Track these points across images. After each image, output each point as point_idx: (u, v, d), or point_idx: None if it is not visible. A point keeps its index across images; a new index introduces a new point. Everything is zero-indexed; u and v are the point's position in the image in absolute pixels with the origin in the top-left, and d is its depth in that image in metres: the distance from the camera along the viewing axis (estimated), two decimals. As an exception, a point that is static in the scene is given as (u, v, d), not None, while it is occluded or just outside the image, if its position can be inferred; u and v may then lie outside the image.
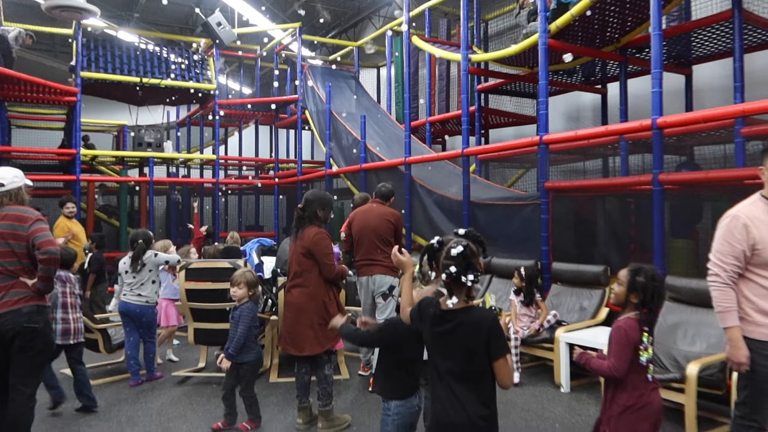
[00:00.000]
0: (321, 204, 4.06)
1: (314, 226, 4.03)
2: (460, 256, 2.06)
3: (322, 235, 4.00)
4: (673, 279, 4.65)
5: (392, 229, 5.34)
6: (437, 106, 10.72)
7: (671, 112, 5.46)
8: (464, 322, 2.12)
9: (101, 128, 15.74)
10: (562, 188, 6.19)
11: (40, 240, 3.37)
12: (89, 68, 10.64)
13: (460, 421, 2.13)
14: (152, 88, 11.46)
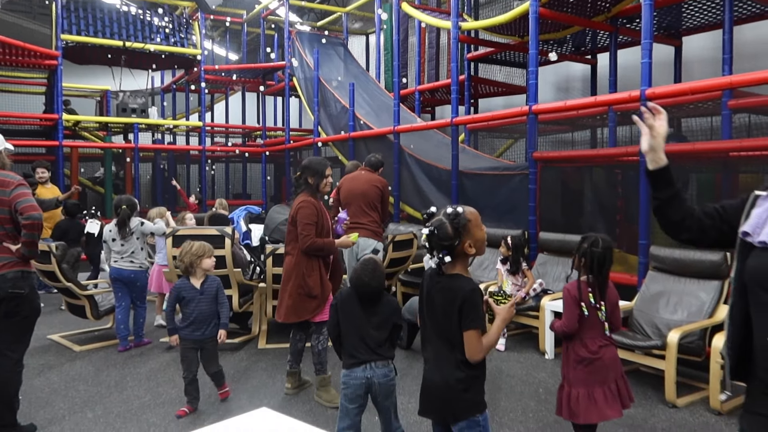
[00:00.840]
0: (312, 171, 3.96)
1: (304, 193, 3.97)
2: (428, 238, 2.17)
3: (304, 204, 3.88)
4: (656, 249, 4.72)
5: (379, 195, 5.52)
6: (426, 74, 10.62)
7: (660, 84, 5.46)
8: (446, 287, 2.20)
9: (83, 93, 15.43)
10: (551, 159, 6.21)
11: (23, 205, 3.31)
12: (70, 31, 10.37)
13: (436, 382, 2.23)
14: (136, 53, 11.22)
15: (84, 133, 13.57)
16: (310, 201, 3.90)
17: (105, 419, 3.71)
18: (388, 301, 3.04)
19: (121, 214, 5.23)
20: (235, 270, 5.14)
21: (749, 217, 1.58)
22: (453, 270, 2.21)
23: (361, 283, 2.94)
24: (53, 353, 5.18)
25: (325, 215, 3.96)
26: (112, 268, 5.27)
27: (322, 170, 3.96)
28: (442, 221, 2.17)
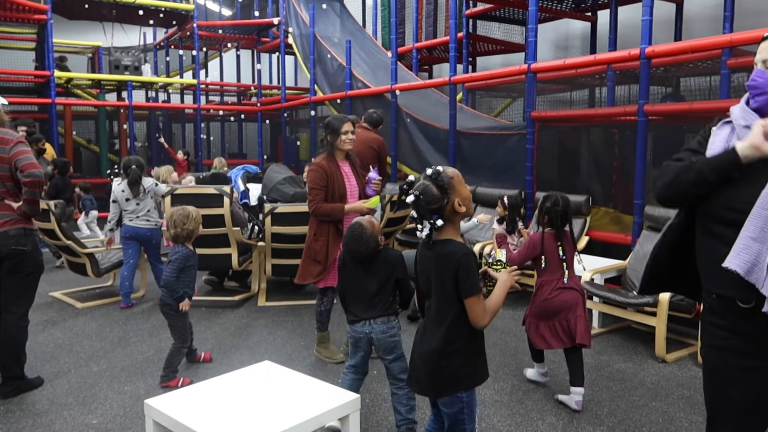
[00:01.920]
0: (329, 129, 3.82)
1: (323, 154, 3.84)
2: (414, 206, 2.06)
3: (312, 167, 3.81)
4: (651, 209, 4.77)
5: (375, 155, 5.40)
6: (424, 32, 10.46)
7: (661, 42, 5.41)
8: (439, 254, 2.11)
9: (74, 49, 15.13)
10: (548, 118, 6.19)
11: (23, 162, 3.31)
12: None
13: (420, 352, 2.18)
14: (127, 7, 10.98)
15: (77, 90, 13.39)
16: (319, 164, 3.77)
17: (110, 373, 3.80)
18: (385, 258, 2.95)
19: (131, 173, 5.26)
20: (234, 229, 5.17)
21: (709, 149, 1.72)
22: (444, 235, 2.11)
23: (350, 249, 2.93)
24: (56, 310, 5.26)
25: (337, 178, 3.74)
26: (126, 227, 5.34)
27: (337, 126, 3.76)
28: (425, 184, 2.08)
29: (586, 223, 5.52)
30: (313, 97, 10.19)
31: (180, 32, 12.82)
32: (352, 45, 9.09)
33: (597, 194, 5.96)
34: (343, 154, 3.87)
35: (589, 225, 5.54)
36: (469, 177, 6.87)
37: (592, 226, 5.56)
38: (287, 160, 11.70)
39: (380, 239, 2.95)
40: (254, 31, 12.73)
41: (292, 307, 5.26)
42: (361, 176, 3.92)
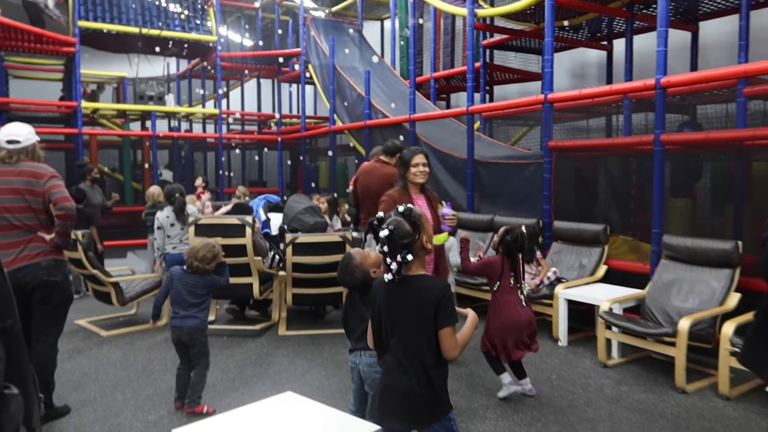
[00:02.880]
0: (401, 162, 3.82)
1: (398, 186, 3.83)
2: (387, 241, 2.12)
3: (384, 197, 3.76)
4: (669, 238, 4.78)
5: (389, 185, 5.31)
6: (442, 61, 10.62)
7: (676, 69, 5.46)
8: (416, 288, 2.16)
9: (100, 80, 15.59)
10: (565, 147, 6.24)
11: (57, 196, 3.46)
12: (87, 17, 10.49)
13: (402, 388, 2.17)
14: (152, 39, 11.32)
15: (102, 120, 13.76)
16: (390, 195, 3.73)
17: (134, 401, 3.88)
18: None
19: (177, 202, 5.68)
20: (255, 258, 5.27)
21: None
22: (414, 270, 2.17)
23: (338, 278, 2.95)
24: (81, 338, 5.37)
25: None
26: (170, 255, 5.65)
27: (408, 158, 3.75)
28: (397, 220, 2.15)
29: (604, 252, 5.52)
30: (333, 126, 10.36)
31: (203, 63, 13.15)
32: (371, 75, 9.27)
33: (615, 222, 5.97)
34: (418, 188, 3.82)
35: (607, 254, 5.54)
36: (487, 206, 6.97)
37: (610, 254, 5.56)
38: (307, 189, 11.85)
39: (374, 271, 2.85)
40: (275, 62, 13.02)
41: (312, 337, 5.32)
42: (437, 211, 3.82)
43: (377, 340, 2.31)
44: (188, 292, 3.70)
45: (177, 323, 3.70)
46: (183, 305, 3.70)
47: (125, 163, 13.23)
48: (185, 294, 3.70)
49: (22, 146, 3.50)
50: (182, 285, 3.71)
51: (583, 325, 5.35)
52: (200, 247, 3.74)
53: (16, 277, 3.35)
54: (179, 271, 3.77)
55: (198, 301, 3.72)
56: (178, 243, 5.80)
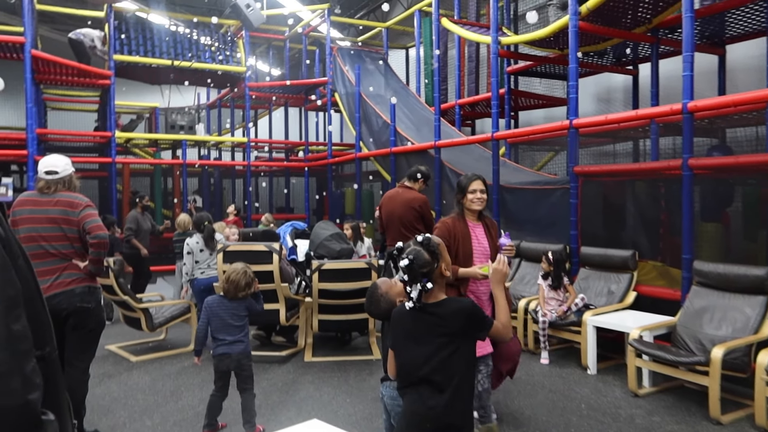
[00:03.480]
0: (457, 188, 3.71)
1: (453, 213, 3.78)
2: (407, 270, 2.19)
3: (438, 225, 3.71)
4: (700, 264, 4.69)
5: (418, 216, 5.24)
6: (467, 88, 10.71)
7: (704, 93, 5.42)
8: (443, 314, 2.18)
9: (133, 110, 16.08)
10: (592, 173, 6.21)
11: (91, 225, 3.57)
12: (121, 51, 10.87)
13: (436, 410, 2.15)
14: (183, 70, 11.67)
15: (135, 149, 14.15)
16: (444, 222, 3.61)
17: (163, 427, 3.92)
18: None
19: (206, 230, 5.93)
20: (282, 285, 5.32)
21: None
22: (435, 297, 2.21)
23: (366, 309, 2.90)
24: (111, 363, 5.46)
25: (464, 238, 3.52)
26: (199, 280, 5.87)
27: (465, 185, 3.59)
28: (416, 249, 2.21)
29: (633, 278, 5.43)
30: (359, 153, 10.47)
31: (232, 93, 13.47)
32: (396, 102, 9.38)
33: (644, 248, 5.89)
34: (475, 215, 3.65)
35: (636, 280, 5.45)
36: (514, 231, 6.93)
37: (639, 280, 5.47)
38: (333, 215, 11.96)
39: (400, 301, 2.72)
40: (302, 91, 13.27)
41: (338, 363, 5.32)
42: (495, 240, 3.61)
43: (399, 369, 2.31)
44: (232, 317, 3.74)
45: (224, 350, 3.70)
46: (229, 331, 3.72)
47: (156, 190, 13.54)
48: (229, 319, 3.74)
49: (59, 177, 3.63)
50: (224, 311, 3.75)
51: (613, 352, 5.26)
52: (237, 273, 3.79)
53: (51, 303, 3.44)
54: (216, 299, 3.81)
55: (241, 324, 3.78)
56: (207, 268, 5.97)
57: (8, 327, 1.20)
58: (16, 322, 1.22)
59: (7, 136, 11.06)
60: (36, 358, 1.31)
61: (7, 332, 1.20)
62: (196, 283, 5.93)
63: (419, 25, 11.47)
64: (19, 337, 1.23)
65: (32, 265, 1.41)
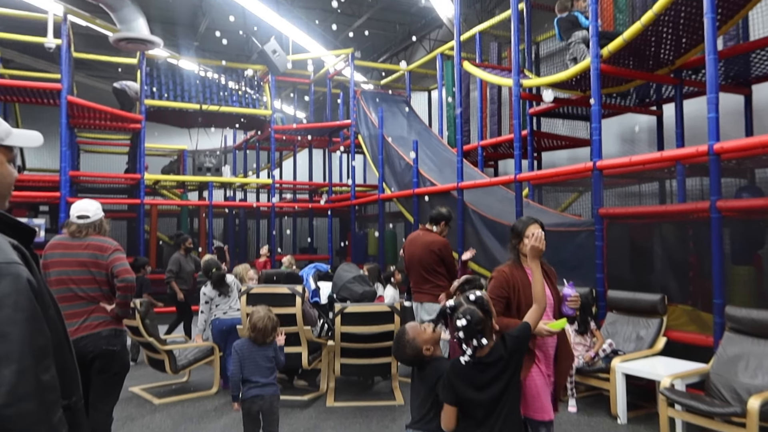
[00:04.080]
0: (513, 233, 3.42)
1: (509, 260, 3.45)
2: (464, 329, 2.41)
3: (494, 274, 3.35)
4: (733, 309, 4.56)
5: (438, 259, 5.23)
6: (489, 129, 10.77)
7: (730, 133, 5.35)
8: (497, 360, 2.49)
9: (162, 153, 16.49)
10: (617, 215, 6.14)
11: (119, 268, 3.64)
12: (152, 96, 11.22)
13: None
14: (211, 114, 11.98)
15: (162, 191, 14.45)
16: (501, 270, 3.26)
17: (184, 474, 3.87)
18: (432, 369, 2.84)
19: (214, 276, 5.93)
20: (304, 328, 5.31)
21: None
22: (486, 351, 2.47)
23: (393, 353, 2.99)
24: (135, 405, 5.46)
25: (524, 287, 3.16)
26: (221, 320, 5.89)
27: (521, 229, 3.31)
28: (471, 309, 2.40)
29: (663, 323, 5.30)
30: (381, 194, 10.53)
31: (258, 135, 13.76)
32: (418, 144, 9.47)
33: (673, 291, 5.76)
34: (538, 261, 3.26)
35: (666, 324, 5.31)
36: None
37: (669, 325, 5.33)
38: (356, 255, 11.97)
39: (428, 348, 2.83)
40: (326, 133, 13.48)
41: (361, 409, 5.24)
42: (555, 288, 3.33)
43: (461, 422, 2.52)
44: (263, 359, 3.80)
45: (257, 392, 3.73)
46: (261, 373, 3.77)
47: (183, 231, 13.74)
48: (261, 361, 3.79)
49: (90, 221, 3.72)
50: (256, 354, 3.80)
51: (644, 401, 5.08)
52: (262, 320, 3.84)
53: (78, 346, 3.47)
54: (246, 342, 3.86)
55: (272, 365, 3.83)
56: (228, 309, 5.98)
57: (38, 377, 1.22)
58: (45, 373, 1.25)
59: (41, 178, 11.39)
60: (62, 408, 1.33)
61: (37, 383, 1.22)
62: (218, 323, 5.92)
63: (441, 68, 11.65)
64: (47, 388, 1.25)
65: (61, 308, 1.44)
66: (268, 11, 11.39)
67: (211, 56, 15.80)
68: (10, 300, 1.21)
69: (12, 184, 1.49)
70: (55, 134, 9.34)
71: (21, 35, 10.54)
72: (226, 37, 13.75)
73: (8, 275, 1.23)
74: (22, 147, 1.93)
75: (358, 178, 14.63)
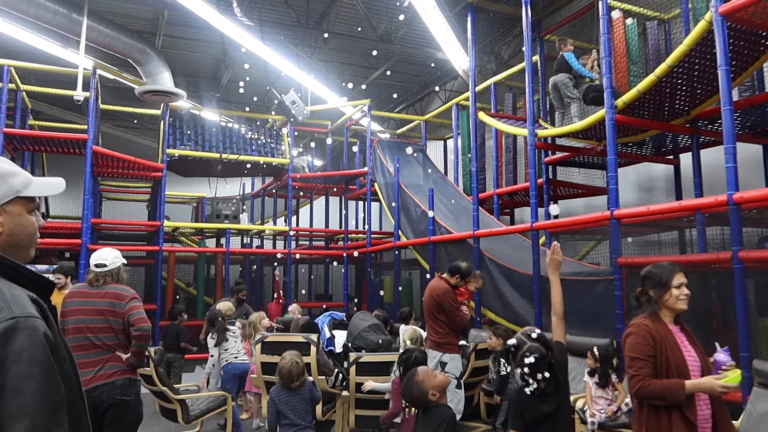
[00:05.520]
0: (652, 282, 2.96)
1: (644, 314, 2.95)
2: (533, 366, 2.69)
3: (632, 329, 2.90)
4: (760, 363, 4.41)
5: (436, 304, 5.24)
6: (504, 177, 10.81)
7: (750, 183, 5.31)
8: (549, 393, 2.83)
9: (182, 200, 16.74)
10: (636, 264, 6.05)
11: (135, 317, 3.65)
12: (174, 146, 11.48)
13: None
14: (231, 163, 12.21)
15: (181, 237, 14.59)
16: (640, 325, 2.81)
17: None
18: (435, 415, 2.94)
19: (218, 326, 6.07)
20: (319, 377, 5.23)
21: None
22: (548, 383, 2.76)
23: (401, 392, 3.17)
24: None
25: (671, 345, 2.75)
26: (234, 364, 6.03)
27: (666, 278, 2.88)
28: (535, 346, 2.65)
29: (687, 376, 5.13)
30: (397, 242, 10.54)
31: (276, 183, 13.95)
32: (434, 192, 9.52)
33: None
34: (673, 315, 2.90)
35: (691, 378, 5.14)
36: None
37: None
38: (371, 302, 11.88)
39: (434, 394, 2.97)
40: (343, 181, 13.63)
41: (375, 462, 5.11)
42: (699, 347, 2.91)
43: None
44: (301, 402, 3.99)
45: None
46: (301, 416, 3.94)
47: (200, 277, 13.79)
48: (299, 404, 3.97)
49: (108, 269, 3.76)
50: (293, 399, 3.97)
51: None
52: (286, 364, 4.01)
53: (92, 396, 3.46)
54: (278, 389, 4.05)
55: (308, 407, 4.02)
56: (237, 353, 6.10)
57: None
58: (59, 428, 1.24)
59: (64, 225, 11.59)
60: None
61: None
62: (231, 367, 6.05)
63: (457, 117, 11.80)
64: None
65: (77, 356, 1.45)
66: (288, 64, 11.72)
67: (233, 107, 16.22)
68: (26, 354, 1.21)
69: (34, 234, 1.51)
70: (79, 182, 9.57)
71: (51, 88, 10.94)
72: (248, 89, 14.14)
73: (26, 329, 1.23)
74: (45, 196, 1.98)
75: (374, 226, 14.68)
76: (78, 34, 9.29)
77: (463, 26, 9.56)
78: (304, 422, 3.94)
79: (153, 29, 12.81)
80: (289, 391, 3.98)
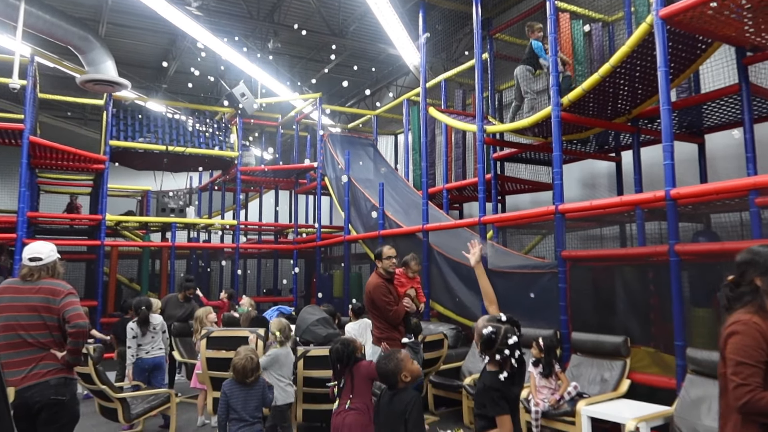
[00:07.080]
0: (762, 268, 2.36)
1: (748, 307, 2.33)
2: (517, 345, 2.73)
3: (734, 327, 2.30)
4: (694, 351, 4.62)
5: (369, 300, 5.06)
6: (454, 173, 10.93)
7: (686, 180, 5.53)
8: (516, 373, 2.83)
9: (126, 194, 16.19)
10: (579, 257, 6.23)
11: (71, 314, 3.48)
12: (117, 137, 11.08)
13: None
14: (177, 155, 11.88)
15: (124, 231, 14.12)
16: (749, 323, 2.24)
17: None
18: (405, 396, 3.12)
19: (141, 314, 6.01)
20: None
21: None
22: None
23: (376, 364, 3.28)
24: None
25: None
26: (144, 359, 6.00)
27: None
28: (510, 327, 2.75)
29: (626, 365, 5.32)
30: (347, 236, 10.50)
31: (224, 176, 13.67)
32: (384, 186, 9.53)
33: (635, 333, 5.81)
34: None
35: (630, 366, 5.34)
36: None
37: (633, 368, 5.36)
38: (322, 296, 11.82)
39: (405, 376, 3.12)
40: (293, 175, 13.48)
41: (324, 456, 5.08)
42: None
43: None
44: (254, 398, 3.98)
45: (245, 431, 3.90)
46: (250, 413, 3.94)
47: (143, 273, 13.40)
48: (251, 400, 3.96)
49: (43, 263, 3.58)
50: (245, 395, 3.96)
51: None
52: (241, 360, 3.99)
53: (24, 396, 3.31)
54: (231, 384, 4.01)
55: (259, 404, 4.01)
56: (151, 349, 6.07)
57: None
58: None
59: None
60: None
61: None
62: (140, 362, 6.04)
63: (407, 113, 11.85)
64: None
65: (8, 355, 1.37)
66: (238, 56, 11.48)
67: (179, 98, 15.78)
68: None
69: None
70: (15, 174, 9.12)
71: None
72: (195, 80, 13.78)
73: None
74: None
75: (324, 220, 14.60)
76: (15, 19, 8.82)
77: (415, 22, 9.59)
78: (253, 418, 3.93)
79: (96, 16, 12.31)
80: (243, 387, 3.97)
